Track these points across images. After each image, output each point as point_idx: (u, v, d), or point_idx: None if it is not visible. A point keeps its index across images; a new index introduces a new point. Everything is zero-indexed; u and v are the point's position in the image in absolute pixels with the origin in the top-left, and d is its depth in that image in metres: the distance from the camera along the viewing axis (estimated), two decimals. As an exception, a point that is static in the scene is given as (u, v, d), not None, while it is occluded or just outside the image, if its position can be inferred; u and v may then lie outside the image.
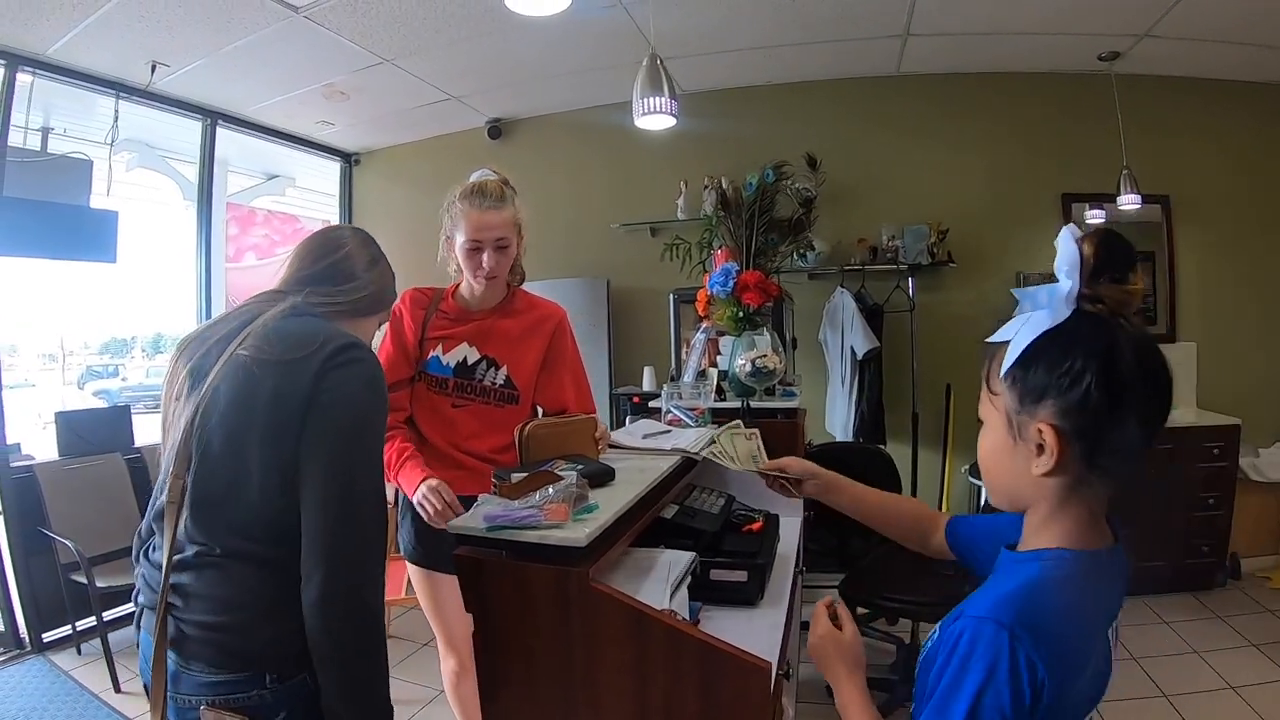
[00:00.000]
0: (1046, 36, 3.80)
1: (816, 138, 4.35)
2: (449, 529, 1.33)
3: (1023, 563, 0.85)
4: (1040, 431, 0.81)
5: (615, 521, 1.34)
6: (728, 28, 3.77)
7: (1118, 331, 0.80)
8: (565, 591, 1.21)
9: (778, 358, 2.76)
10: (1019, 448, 0.85)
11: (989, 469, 0.92)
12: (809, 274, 4.47)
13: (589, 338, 4.80)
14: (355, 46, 3.77)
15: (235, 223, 5.23)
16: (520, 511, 1.25)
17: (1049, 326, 0.81)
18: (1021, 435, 0.85)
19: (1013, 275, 4.27)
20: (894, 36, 3.83)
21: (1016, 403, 0.85)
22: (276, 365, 1.13)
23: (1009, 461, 0.87)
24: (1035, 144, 4.31)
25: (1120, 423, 0.80)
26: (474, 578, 1.29)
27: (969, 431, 4.28)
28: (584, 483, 1.33)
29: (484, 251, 1.91)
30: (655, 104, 2.51)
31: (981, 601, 0.80)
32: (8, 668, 3.38)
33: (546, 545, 1.21)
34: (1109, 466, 0.82)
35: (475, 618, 1.31)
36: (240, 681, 1.09)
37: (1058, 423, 0.81)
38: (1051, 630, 0.76)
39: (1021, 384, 0.84)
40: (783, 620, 1.58)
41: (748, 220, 2.94)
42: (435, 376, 2.00)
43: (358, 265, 1.37)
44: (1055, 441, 0.80)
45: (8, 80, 3.57)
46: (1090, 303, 0.81)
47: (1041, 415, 0.82)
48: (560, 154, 5.12)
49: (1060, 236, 0.83)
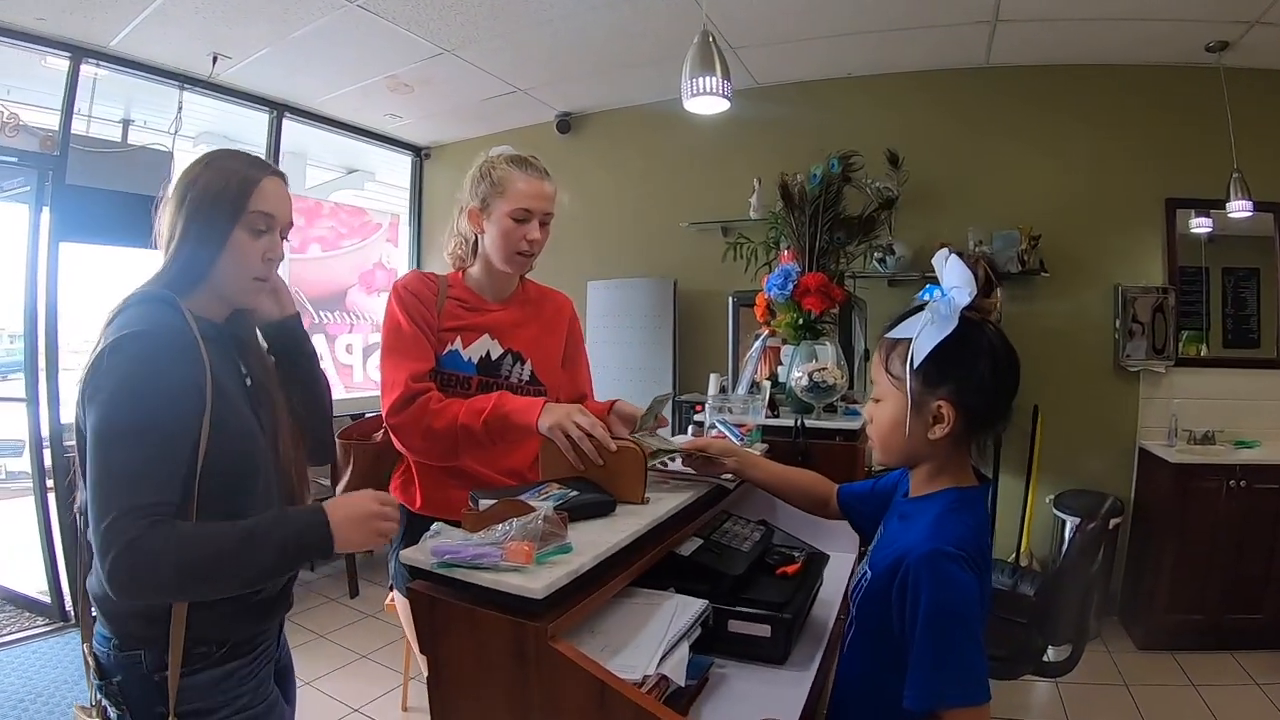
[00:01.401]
0: (1148, 24, 3.39)
1: (900, 134, 4.06)
2: (400, 559, 1.14)
3: (926, 502, 1.15)
4: (939, 406, 1.09)
5: (601, 565, 1.12)
6: (804, 13, 3.50)
7: (989, 332, 1.10)
8: (522, 648, 1.00)
9: (839, 372, 2.47)
10: (917, 419, 1.11)
11: (887, 435, 1.17)
12: (888, 280, 4.15)
13: (654, 340, 4.63)
14: (413, 36, 3.69)
15: (301, 214, 5.24)
16: (475, 548, 1.04)
17: (949, 330, 1.06)
18: (920, 410, 1.11)
19: (1110, 288, 3.85)
20: (982, 23, 3.48)
21: (920, 385, 1.10)
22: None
23: (906, 429, 1.12)
24: (1136, 144, 3.86)
25: (996, 397, 1.11)
26: (427, 617, 1.10)
27: (1058, 459, 3.90)
28: (558, 518, 1.11)
29: (531, 222, 1.72)
30: (706, 84, 2.28)
31: (915, 542, 1.05)
32: (48, 639, 3.48)
33: (498, 591, 1.00)
34: (982, 429, 1.14)
35: (429, 661, 1.12)
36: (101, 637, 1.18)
37: (954, 399, 1.09)
38: (971, 543, 1.05)
39: (925, 372, 1.10)
40: (809, 683, 1.32)
41: (811, 217, 2.64)
42: (455, 375, 1.75)
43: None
44: (952, 413, 1.09)
45: (72, 72, 3.63)
46: (972, 311, 1.09)
47: (940, 394, 1.09)
48: (631, 149, 4.96)
49: (949, 259, 1.11)
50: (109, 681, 1.15)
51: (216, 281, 1.21)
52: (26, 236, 3.57)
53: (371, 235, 5.73)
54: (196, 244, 1.18)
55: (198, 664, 1.15)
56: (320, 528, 1.11)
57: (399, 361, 1.70)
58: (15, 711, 2.83)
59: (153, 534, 1.00)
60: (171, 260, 1.19)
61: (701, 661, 1.32)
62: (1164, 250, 3.84)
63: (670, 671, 1.12)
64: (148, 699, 1.13)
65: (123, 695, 1.15)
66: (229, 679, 1.19)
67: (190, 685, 1.14)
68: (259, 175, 1.22)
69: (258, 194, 1.20)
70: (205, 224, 1.17)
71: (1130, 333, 3.77)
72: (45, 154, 3.60)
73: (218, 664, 1.17)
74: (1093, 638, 3.53)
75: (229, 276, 1.21)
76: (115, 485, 1.02)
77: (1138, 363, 3.78)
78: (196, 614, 1.13)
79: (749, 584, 1.50)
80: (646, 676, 1.06)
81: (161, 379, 1.08)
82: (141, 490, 1.03)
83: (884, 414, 1.17)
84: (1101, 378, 3.89)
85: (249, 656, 1.23)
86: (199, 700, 1.15)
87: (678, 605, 1.29)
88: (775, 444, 2.24)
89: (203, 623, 1.14)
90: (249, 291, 1.26)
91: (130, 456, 1.04)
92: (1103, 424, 3.89)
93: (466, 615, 1.05)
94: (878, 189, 4.01)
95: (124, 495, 1.01)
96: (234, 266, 1.20)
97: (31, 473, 3.74)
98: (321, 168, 6.04)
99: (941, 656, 0.98)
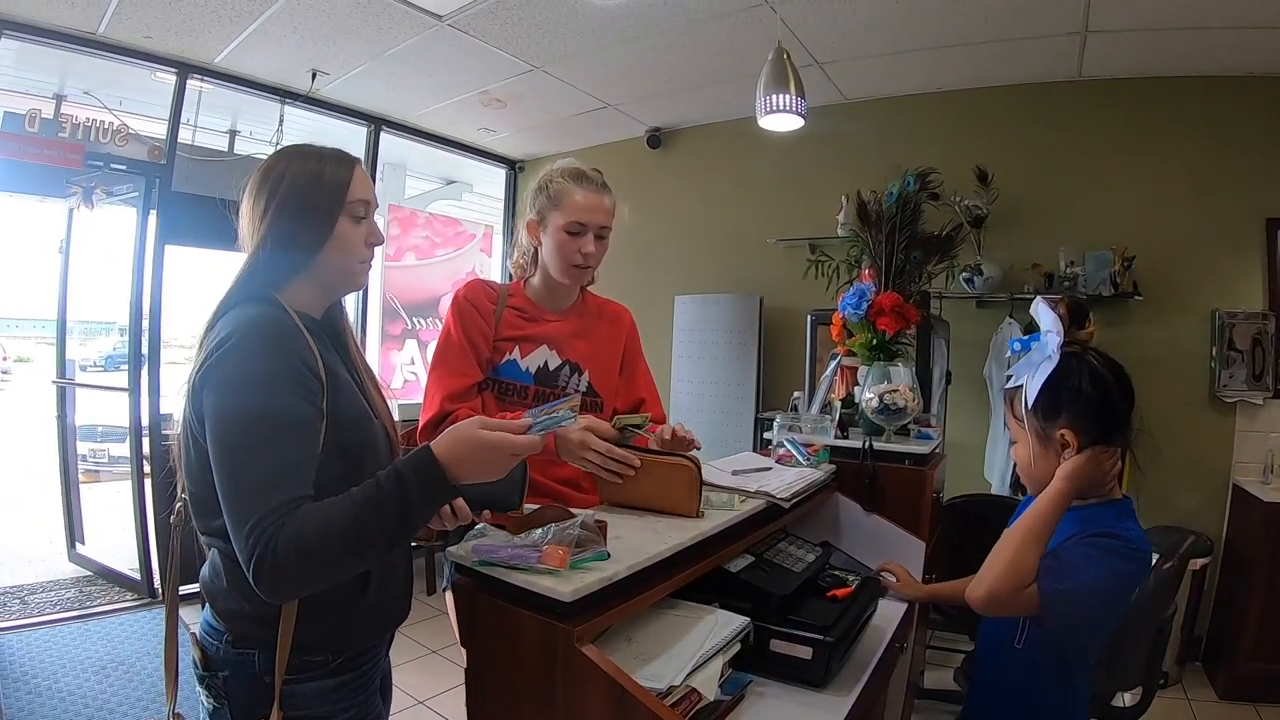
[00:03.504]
0: (1244, 31, 3.18)
1: (990, 150, 3.94)
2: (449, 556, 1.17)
3: (1074, 513, 1.29)
4: (1062, 434, 1.28)
5: (638, 575, 1.14)
6: (892, 28, 3.45)
7: (1089, 359, 1.30)
8: (550, 648, 1.03)
9: (912, 394, 2.41)
10: (1048, 450, 1.31)
11: (1028, 470, 1.37)
12: (977, 301, 4.02)
13: (738, 356, 4.63)
14: (502, 53, 3.80)
15: (398, 223, 5.45)
16: (513, 549, 1.07)
17: (1051, 370, 1.27)
18: (1048, 441, 1.31)
19: (1208, 314, 3.61)
20: (1073, 34, 3.35)
21: (1040, 421, 1.31)
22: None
23: (1044, 462, 1.32)
24: (1235, 160, 3.62)
25: (1106, 412, 1.27)
26: (467, 611, 1.15)
27: (1147, 493, 3.61)
28: (597, 525, 1.12)
29: (585, 235, 1.74)
30: (780, 101, 2.27)
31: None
32: (137, 613, 3.73)
33: (531, 592, 1.03)
34: (1107, 443, 1.28)
35: (467, 654, 1.16)
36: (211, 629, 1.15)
37: (1072, 425, 1.27)
38: (1118, 527, 1.27)
39: (1042, 409, 1.30)
40: (847, 709, 1.30)
41: (887, 235, 2.60)
42: (512, 384, 1.77)
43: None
44: (1074, 439, 1.27)
45: (178, 87, 3.89)
46: (1068, 346, 1.29)
47: (1059, 424, 1.28)
48: (721, 164, 4.97)
49: (1039, 307, 1.34)
50: (215, 675, 1.14)
51: (322, 272, 1.21)
52: (134, 238, 3.84)
53: (466, 245, 5.91)
54: (297, 237, 1.17)
55: (311, 672, 1.13)
56: (428, 464, 1.02)
57: (440, 377, 1.73)
58: (98, 676, 3.04)
59: (297, 530, 0.96)
60: (269, 255, 1.16)
61: (740, 679, 1.32)
62: (1264, 273, 3.59)
63: (700, 685, 1.13)
64: (252, 699, 1.11)
65: (227, 690, 1.13)
66: (340, 690, 1.16)
67: (300, 693, 1.12)
68: (350, 164, 1.23)
69: (353, 184, 1.21)
70: (305, 217, 1.17)
71: (1227, 361, 3.55)
72: (153, 163, 3.87)
73: (332, 674, 1.15)
74: (1173, 683, 3.33)
75: (336, 265, 1.21)
76: (253, 487, 0.99)
77: (1234, 393, 3.56)
78: (309, 625, 1.10)
79: (796, 605, 1.48)
80: (673, 687, 1.07)
81: (277, 373, 1.05)
82: (280, 488, 0.99)
83: (1021, 453, 1.38)
84: (1195, 408, 3.66)
85: (362, 670, 1.20)
86: (306, 708, 1.13)
87: (718, 621, 1.29)
88: (843, 465, 2.21)
89: (316, 633, 1.11)
90: (357, 274, 1.26)
91: (261, 455, 1.00)
92: (1195, 458, 3.65)
93: (502, 613, 1.09)
94: (966, 207, 3.91)
95: (262, 496, 0.98)
96: (340, 254, 1.21)
97: (130, 458, 4.01)
98: (421, 178, 6.25)
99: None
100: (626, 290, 2.01)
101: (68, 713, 2.74)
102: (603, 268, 1.88)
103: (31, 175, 3.73)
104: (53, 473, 4.51)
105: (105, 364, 7.64)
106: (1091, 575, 1.20)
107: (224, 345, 1.04)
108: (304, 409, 1.06)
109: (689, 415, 4.77)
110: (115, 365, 7.15)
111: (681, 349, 4.84)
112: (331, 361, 1.18)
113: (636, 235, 5.13)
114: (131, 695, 2.91)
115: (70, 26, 3.48)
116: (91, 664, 3.13)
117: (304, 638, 1.09)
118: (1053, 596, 1.19)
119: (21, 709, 2.75)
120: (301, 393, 1.06)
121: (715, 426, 4.60)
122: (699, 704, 1.13)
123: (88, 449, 5.10)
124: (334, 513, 0.98)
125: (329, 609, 1.12)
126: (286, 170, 1.18)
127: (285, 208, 1.16)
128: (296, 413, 1.05)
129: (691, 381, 4.79)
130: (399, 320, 5.45)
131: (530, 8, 3.29)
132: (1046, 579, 1.20)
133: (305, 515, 0.98)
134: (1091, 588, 1.20)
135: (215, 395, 1.03)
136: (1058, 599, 1.19)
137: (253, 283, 1.16)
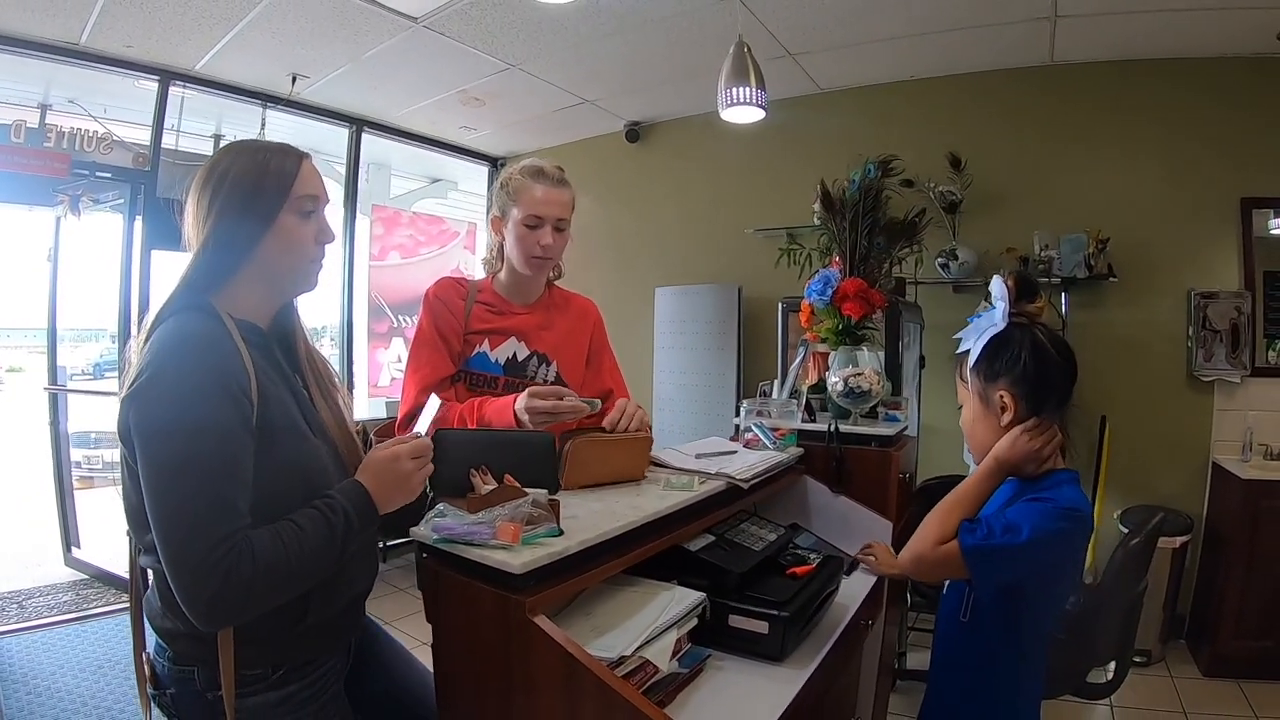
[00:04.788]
0: (1213, 13, 3.23)
1: (964, 136, 3.98)
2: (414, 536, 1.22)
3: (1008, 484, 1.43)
4: (1001, 395, 1.38)
5: (590, 550, 1.18)
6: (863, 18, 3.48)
7: (1035, 330, 1.38)
8: (504, 619, 1.08)
9: (877, 378, 2.46)
10: (989, 412, 1.41)
11: (972, 433, 1.47)
12: (953, 286, 4.06)
13: (719, 346, 4.67)
14: (479, 53, 3.84)
15: (381, 223, 5.49)
16: (468, 526, 1.12)
17: (994, 334, 1.39)
18: (989, 403, 1.40)
19: (1184, 294, 3.66)
20: (1041, 19, 3.40)
21: (981, 381, 1.41)
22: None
23: (984, 423, 1.43)
24: (1208, 142, 3.66)
25: (1048, 383, 1.35)
26: (431, 588, 1.21)
27: (1127, 473, 3.74)
28: (549, 504, 1.17)
29: (543, 228, 1.81)
30: (740, 94, 2.31)
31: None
32: (129, 615, 3.72)
33: (486, 566, 1.08)
34: (1043, 411, 1.36)
35: (433, 628, 1.22)
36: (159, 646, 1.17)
37: (1010, 389, 1.37)
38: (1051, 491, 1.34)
39: (983, 371, 1.41)
40: (802, 682, 1.34)
41: (851, 223, 2.64)
42: (482, 375, 1.85)
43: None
44: (1013, 402, 1.37)
45: (161, 94, 3.93)
46: (1015, 317, 1.39)
47: (999, 386, 1.38)
48: (699, 156, 5.01)
49: (994, 281, 1.44)
50: (163, 692, 1.14)
51: (268, 271, 1.17)
52: (121, 245, 3.89)
53: (450, 243, 5.97)
54: (234, 231, 1.12)
55: (252, 685, 1.11)
56: (363, 499, 1.11)
57: (413, 372, 1.82)
58: (94, 675, 3.10)
59: (236, 572, 0.96)
60: (212, 256, 1.12)
61: (699, 653, 1.36)
62: (1240, 252, 3.64)
63: (653, 657, 1.17)
64: (199, 716, 1.11)
65: (176, 708, 1.13)
66: (286, 703, 1.14)
67: (244, 707, 1.09)
68: (298, 157, 1.19)
69: (300, 179, 1.17)
70: (244, 211, 1.12)
71: (1204, 340, 3.59)
72: (138, 169, 3.92)
73: (274, 687, 1.12)
74: (1156, 661, 3.38)
75: (283, 263, 1.18)
76: (188, 526, 0.97)
77: (1211, 372, 3.60)
78: (245, 649, 1.08)
79: (754, 582, 1.52)
80: (624, 658, 1.11)
81: (204, 397, 1.01)
82: (215, 525, 0.97)
83: (965, 415, 1.47)
84: (1173, 388, 3.71)
85: (308, 680, 1.17)
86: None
87: (674, 597, 1.34)
88: (811, 449, 2.25)
89: (250, 651, 1.09)
90: (307, 273, 1.23)
91: (192, 494, 0.98)
92: (1174, 437, 3.70)
93: (462, 587, 1.14)
94: (940, 193, 3.95)
95: (196, 537, 0.96)
96: (286, 252, 1.17)
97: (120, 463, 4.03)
98: (406, 177, 6.28)
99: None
100: (607, 282, 2.07)
101: (66, 711, 2.80)
102: (584, 260, 1.94)
103: (18, 185, 3.79)
104: (48, 479, 4.53)
105: (94, 371, 7.69)
106: (1011, 533, 1.27)
107: (152, 366, 1.02)
108: (234, 433, 1.03)
109: (672, 405, 4.83)
110: (102, 373, 7.22)
111: (662, 340, 4.88)
112: (269, 377, 1.14)
113: (617, 228, 5.19)
114: (130, 693, 2.95)
115: (52, 38, 3.52)
116: (89, 664, 3.19)
117: (239, 656, 1.08)
118: (971, 552, 1.28)
119: (21, 709, 2.81)
120: (232, 416, 1.03)
121: (698, 415, 4.66)
122: (655, 676, 1.18)
123: (82, 455, 5.15)
124: (275, 558, 1.00)
125: (260, 635, 1.10)
126: (230, 166, 1.15)
127: (229, 204, 1.12)
128: (226, 440, 1.02)
129: (673, 371, 4.84)
130: (385, 319, 5.52)
131: (502, 8, 3.34)
132: (964, 535, 1.30)
133: (243, 556, 0.97)
134: (1012, 544, 1.26)
135: (142, 422, 1.01)
136: (975, 554, 1.28)
137: (193, 289, 1.13)
